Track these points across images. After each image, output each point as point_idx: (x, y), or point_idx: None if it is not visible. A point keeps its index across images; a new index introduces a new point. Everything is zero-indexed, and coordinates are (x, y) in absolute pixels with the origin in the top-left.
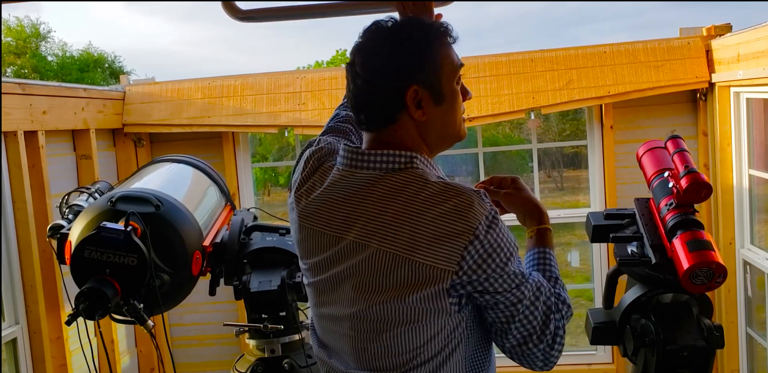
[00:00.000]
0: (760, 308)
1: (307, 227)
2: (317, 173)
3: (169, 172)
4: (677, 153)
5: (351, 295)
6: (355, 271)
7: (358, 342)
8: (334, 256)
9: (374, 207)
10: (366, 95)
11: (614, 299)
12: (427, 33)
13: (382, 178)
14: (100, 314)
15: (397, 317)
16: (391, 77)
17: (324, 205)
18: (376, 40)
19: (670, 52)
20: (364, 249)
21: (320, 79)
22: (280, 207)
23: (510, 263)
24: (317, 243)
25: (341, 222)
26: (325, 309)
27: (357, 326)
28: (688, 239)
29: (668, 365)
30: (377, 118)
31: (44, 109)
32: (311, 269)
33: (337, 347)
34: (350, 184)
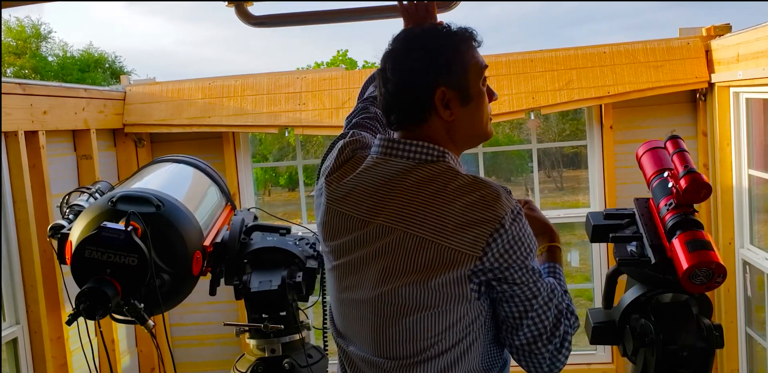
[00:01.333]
0: (760, 308)
1: (334, 210)
2: (350, 162)
3: (170, 173)
4: (677, 153)
5: (375, 277)
6: (381, 253)
7: (378, 327)
8: (360, 238)
9: (405, 194)
10: (397, 98)
11: (614, 299)
12: (453, 37)
13: (414, 167)
14: (100, 313)
15: (419, 301)
16: (420, 80)
17: (355, 189)
18: (405, 46)
19: (669, 52)
20: (392, 232)
21: (320, 79)
22: (280, 207)
23: (530, 258)
24: (344, 225)
25: (371, 207)
26: (346, 293)
27: (378, 310)
28: (688, 238)
29: (668, 364)
30: (408, 119)
31: (45, 109)
32: (334, 251)
33: (355, 334)
34: (383, 172)
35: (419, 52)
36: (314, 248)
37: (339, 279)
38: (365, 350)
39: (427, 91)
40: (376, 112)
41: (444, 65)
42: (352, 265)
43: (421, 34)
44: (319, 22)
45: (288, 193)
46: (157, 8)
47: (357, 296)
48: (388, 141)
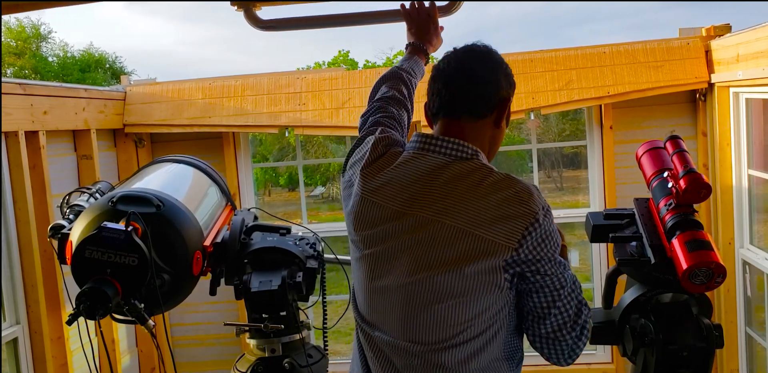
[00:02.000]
0: (760, 308)
1: (368, 200)
2: (385, 157)
3: (170, 173)
4: (676, 153)
5: (409, 266)
6: (416, 242)
7: (409, 313)
8: (394, 228)
9: (441, 187)
10: (470, 90)
11: (614, 299)
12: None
13: (450, 163)
14: (100, 313)
15: (452, 289)
16: (499, 84)
17: (390, 182)
18: (484, 52)
19: (669, 52)
20: (428, 223)
21: (320, 79)
22: (280, 207)
23: (557, 251)
24: (378, 216)
25: (407, 199)
26: (376, 282)
27: (410, 297)
28: (688, 239)
29: (668, 364)
30: (476, 108)
31: (45, 109)
32: (365, 240)
33: (383, 320)
34: (419, 166)
35: (500, 63)
36: (314, 248)
37: (370, 267)
38: (393, 335)
39: (499, 95)
40: (393, 111)
41: (513, 83)
42: (385, 253)
43: (491, 51)
44: (325, 25)
45: (288, 193)
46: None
47: (388, 283)
48: (426, 137)
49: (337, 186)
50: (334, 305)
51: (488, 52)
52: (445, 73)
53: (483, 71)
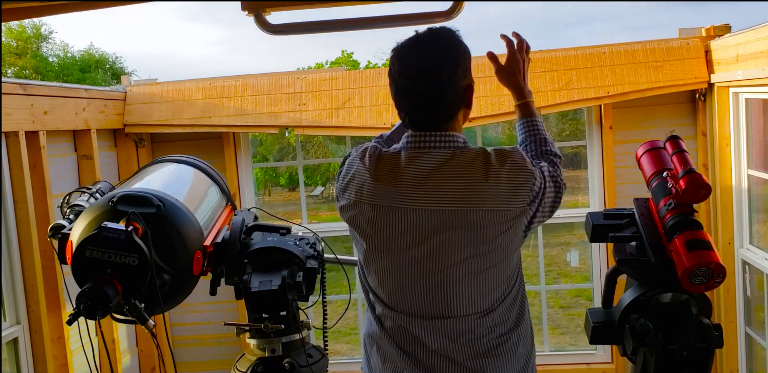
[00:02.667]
0: (759, 308)
1: (385, 207)
2: (382, 162)
3: (170, 173)
4: (676, 153)
5: (453, 255)
6: (454, 234)
7: (452, 291)
8: (423, 225)
9: (459, 176)
10: (435, 97)
11: (613, 299)
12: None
13: (453, 154)
14: (101, 313)
15: (489, 263)
16: (458, 77)
17: (403, 184)
18: (436, 44)
19: (669, 52)
20: (457, 214)
21: (321, 79)
22: (280, 207)
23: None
24: (400, 218)
25: (425, 195)
26: (422, 278)
27: (452, 278)
28: (687, 238)
29: (667, 364)
30: (443, 116)
31: (45, 109)
32: (392, 243)
33: (418, 304)
34: (426, 162)
35: (451, 50)
36: (314, 248)
37: (413, 267)
38: (432, 314)
39: (462, 89)
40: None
41: (469, 64)
42: (428, 250)
43: (441, 33)
44: (333, 30)
45: (288, 193)
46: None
47: (436, 272)
48: (420, 136)
49: None
50: (334, 304)
51: (436, 45)
52: (404, 88)
53: (441, 77)
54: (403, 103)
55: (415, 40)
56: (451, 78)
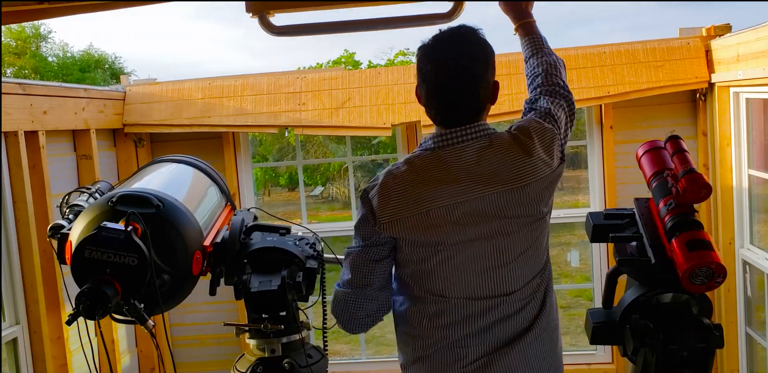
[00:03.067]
0: (760, 308)
1: (462, 203)
2: (425, 167)
3: (170, 173)
4: (677, 153)
5: (510, 228)
6: (516, 210)
7: (510, 270)
8: (492, 209)
9: (506, 158)
10: (472, 91)
11: (614, 299)
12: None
13: (491, 140)
14: (100, 313)
15: (541, 227)
16: (488, 73)
17: (465, 178)
18: (470, 42)
19: (669, 52)
20: (520, 189)
21: (320, 79)
22: (280, 207)
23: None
24: (473, 209)
25: (487, 181)
26: (487, 261)
27: (512, 256)
28: (688, 239)
29: (668, 364)
30: (476, 111)
31: (45, 109)
32: (465, 238)
33: (469, 288)
34: (470, 154)
35: (480, 47)
36: (314, 248)
37: (479, 251)
38: (485, 295)
39: (491, 86)
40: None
41: (494, 62)
42: (486, 231)
43: (469, 31)
44: (335, 31)
45: (288, 193)
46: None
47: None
48: (452, 132)
49: (337, 186)
50: None
51: (467, 42)
52: (439, 84)
53: (475, 72)
54: (437, 98)
55: (446, 37)
56: (483, 74)
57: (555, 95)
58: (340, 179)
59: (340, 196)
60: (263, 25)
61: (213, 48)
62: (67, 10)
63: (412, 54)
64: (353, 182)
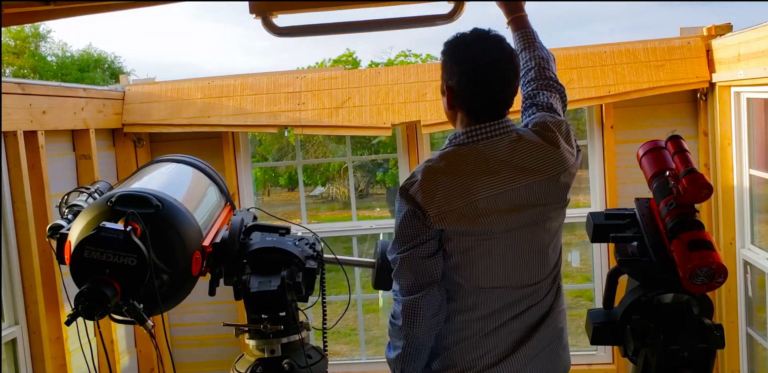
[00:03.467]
0: (761, 308)
1: (503, 193)
2: (465, 162)
3: (169, 173)
4: (678, 153)
5: (547, 216)
6: (551, 197)
7: (543, 257)
8: (531, 198)
9: (536, 151)
10: (509, 85)
11: (614, 299)
12: None
13: (519, 134)
14: (99, 314)
15: (564, 218)
16: (517, 72)
17: (504, 171)
18: (507, 46)
19: (670, 52)
20: (554, 179)
21: (320, 79)
22: (280, 207)
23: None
24: (515, 199)
25: (522, 171)
26: (524, 247)
27: (546, 244)
28: (689, 239)
29: (669, 364)
30: (507, 106)
31: (44, 109)
32: (508, 227)
33: (505, 278)
34: (504, 147)
35: (509, 47)
36: (314, 248)
37: (517, 240)
38: (522, 283)
39: (517, 80)
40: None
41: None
42: (527, 219)
43: (493, 33)
44: (337, 32)
45: (287, 193)
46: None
47: (533, 241)
48: (487, 126)
49: (337, 186)
50: (334, 305)
51: (498, 41)
52: (485, 80)
53: (512, 67)
54: (482, 92)
55: (486, 37)
56: (516, 70)
57: (550, 89)
58: (340, 179)
59: (339, 196)
60: (266, 26)
61: (212, 47)
62: (72, 11)
63: (414, 55)
64: (353, 182)
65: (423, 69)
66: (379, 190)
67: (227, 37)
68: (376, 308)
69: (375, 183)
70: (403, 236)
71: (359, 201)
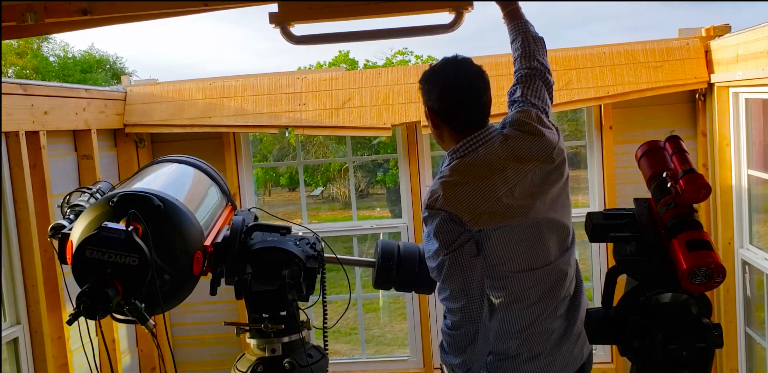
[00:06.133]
0: (759, 308)
1: (517, 184)
2: (478, 169)
3: (171, 173)
4: (676, 153)
5: (556, 195)
6: (553, 178)
7: (567, 230)
8: (541, 183)
9: (528, 144)
10: (485, 96)
11: (613, 299)
12: None
13: (504, 135)
14: (101, 313)
15: (568, 188)
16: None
17: (510, 167)
18: (466, 63)
19: (669, 52)
20: (550, 161)
21: (321, 79)
22: (280, 207)
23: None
24: (522, 189)
25: (523, 162)
26: (542, 232)
27: (565, 221)
28: (687, 239)
29: (668, 364)
30: (487, 114)
31: (46, 109)
32: (531, 217)
33: (547, 258)
34: (498, 147)
35: (482, 70)
36: (314, 247)
37: (536, 222)
38: (554, 259)
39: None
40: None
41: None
42: (540, 208)
43: (468, 59)
44: (351, 40)
45: (288, 193)
46: None
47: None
48: (479, 134)
49: (337, 186)
50: (334, 304)
51: (468, 63)
52: (464, 99)
53: (484, 81)
54: (465, 109)
55: (448, 62)
56: (486, 83)
57: (530, 79)
58: (341, 179)
59: (340, 196)
60: (284, 35)
61: (213, 48)
62: (107, 20)
63: (410, 53)
64: (353, 182)
65: (423, 70)
66: (379, 190)
67: (228, 37)
68: (377, 308)
69: (375, 183)
70: (445, 240)
71: (359, 201)
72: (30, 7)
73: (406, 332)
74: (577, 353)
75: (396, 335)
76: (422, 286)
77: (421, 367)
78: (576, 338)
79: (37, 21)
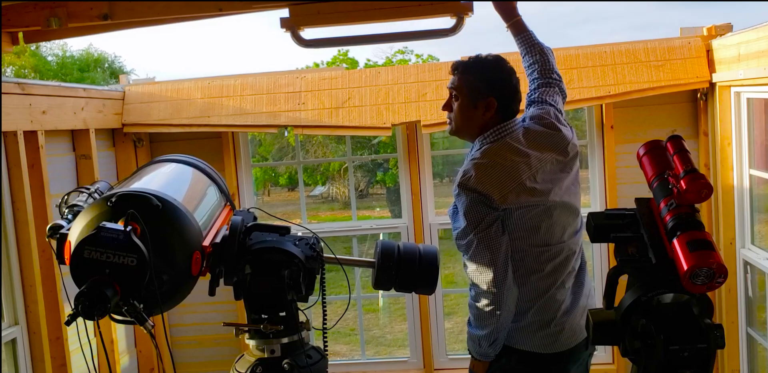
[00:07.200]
0: (761, 308)
1: (540, 169)
2: (512, 151)
3: (169, 172)
4: (677, 153)
5: (571, 180)
6: (567, 168)
7: (577, 213)
8: (559, 170)
9: (543, 135)
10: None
11: (615, 299)
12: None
13: (525, 127)
14: (99, 314)
15: (578, 181)
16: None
17: (533, 155)
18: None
19: (670, 52)
20: (566, 152)
21: (320, 79)
22: (280, 207)
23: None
24: (543, 175)
25: (543, 152)
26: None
27: (576, 201)
28: (689, 239)
29: (669, 365)
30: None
31: (44, 109)
32: (551, 198)
33: (561, 236)
34: (521, 136)
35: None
36: (314, 248)
37: (561, 201)
38: (568, 238)
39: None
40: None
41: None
42: (558, 192)
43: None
44: (358, 43)
45: (288, 193)
46: None
47: (569, 204)
48: (508, 123)
49: (337, 186)
50: (334, 305)
51: (507, 62)
52: (518, 89)
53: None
54: (516, 100)
55: (494, 58)
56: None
57: (549, 86)
58: (340, 179)
59: (340, 196)
60: (294, 39)
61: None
62: (125, 25)
63: (411, 52)
64: (353, 182)
65: (423, 69)
66: (379, 190)
67: (228, 36)
68: (376, 308)
69: (375, 183)
70: (475, 220)
71: (359, 201)
72: (54, 13)
73: (405, 333)
74: (583, 325)
75: (396, 335)
76: (422, 286)
77: (421, 368)
78: (582, 312)
79: (60, 26)
